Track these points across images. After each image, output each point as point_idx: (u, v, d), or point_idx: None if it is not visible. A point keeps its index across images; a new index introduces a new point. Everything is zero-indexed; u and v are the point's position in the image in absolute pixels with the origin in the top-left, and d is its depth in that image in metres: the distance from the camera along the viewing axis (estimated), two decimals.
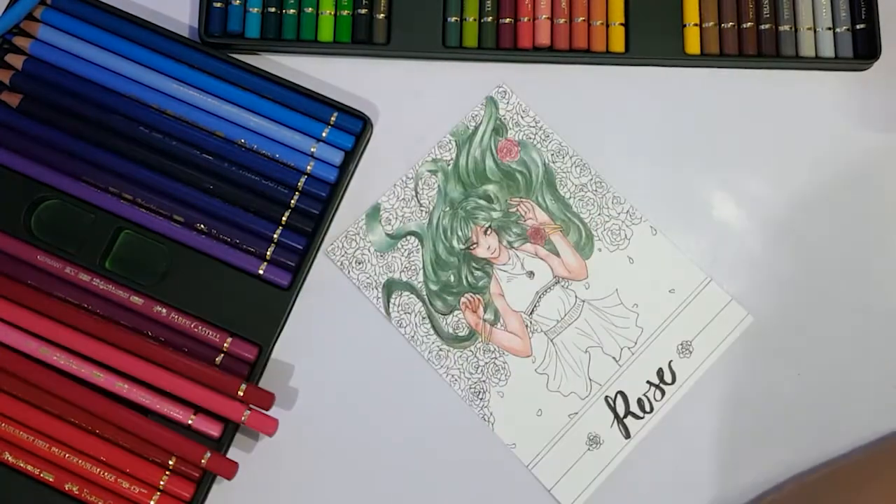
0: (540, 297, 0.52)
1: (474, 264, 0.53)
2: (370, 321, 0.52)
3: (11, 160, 0.52)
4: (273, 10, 0.54)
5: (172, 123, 0.53)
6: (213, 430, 0.49)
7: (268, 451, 0.50)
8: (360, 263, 0.52)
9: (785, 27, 0.55)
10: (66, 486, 0.48)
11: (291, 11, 0.54)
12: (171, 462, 0.48)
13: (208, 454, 0.48)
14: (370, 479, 0.50)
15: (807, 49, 0.55)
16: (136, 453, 0.48)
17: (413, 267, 0.52)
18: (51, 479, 0.48)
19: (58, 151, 0.52)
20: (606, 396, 0.51)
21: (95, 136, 0.52)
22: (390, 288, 0.52)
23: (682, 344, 0.52)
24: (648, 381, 0.51)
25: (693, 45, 0.54)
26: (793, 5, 0.55)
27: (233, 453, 0.50)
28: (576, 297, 0.52)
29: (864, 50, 0.54)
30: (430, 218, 0.53)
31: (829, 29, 0.55)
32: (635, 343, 0.52)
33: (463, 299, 0.52)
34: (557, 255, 0.53)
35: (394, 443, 0.50)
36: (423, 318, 0.52)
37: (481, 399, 0.51)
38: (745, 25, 0.55)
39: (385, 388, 0.51)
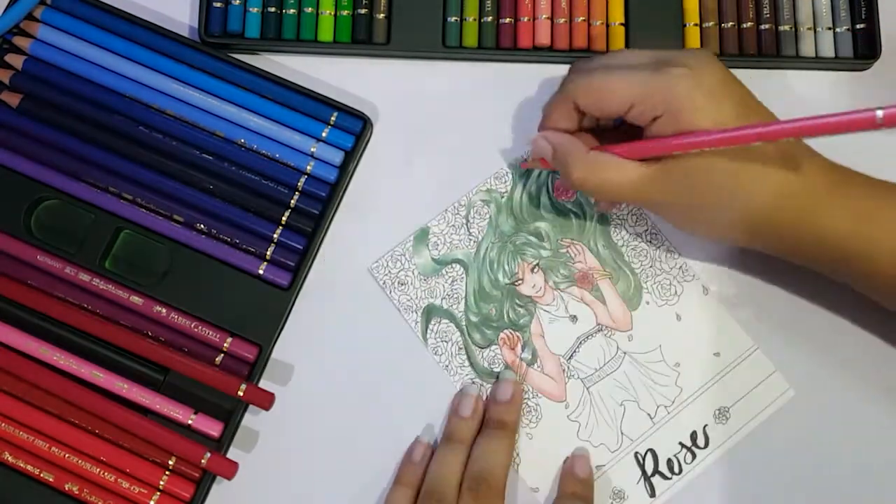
0: (581, 342, 0.51)
1: (517, 301, 0.52)
2: (371, 321, 0.52)
3: (11, 160, 0.52)
4: (273, 9, 0.54)
5: (172, 123, 0.53)
6: (213, 430, 0.49)
7: (268, 452, 0.50)
8: (402, 285, 0.52)
9: (785, 27, 0.55)
10: (66, 486, 0.48)
11: (291, 11, 0.54)
12: (171, 462, 0.48)
13: (208, 454, 0.48)
14: (372, 481, 0.50)
15: (807, 49, 0.55)
16: (136, 453, 0.48)
17: (455, 295, 0.52)
18: (51, 479, 0.48)
19: (58, 151, 0.52)
20: (636, 452, 0.50)
21: (95, 136, 0.52)
22: (430, 313, 0.51)
23: (719, 409, 0.51)
24: (681, 443, 0.50)
25: (693, 46, 0.54)
26: (793, 5, 0.55)
27: (233, 453, 0.50)
28: (617, 347, 0.51)
29: (864, 50, 0.54)
30: (478, 248, 0.52)
31: (829, 29, 0.55)
32: (672, 402, 0.51)
33: (502, 335, 0.51)
34: (603, 302, 0.52)
35: (397, 446, 0.50)
36: (460, 348, 0.51)
37: None
38: (745, 25, 0.55)
39: (387, 388, 0.51)
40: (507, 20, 0.54)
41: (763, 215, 0.45)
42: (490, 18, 0.54)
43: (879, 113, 0.37)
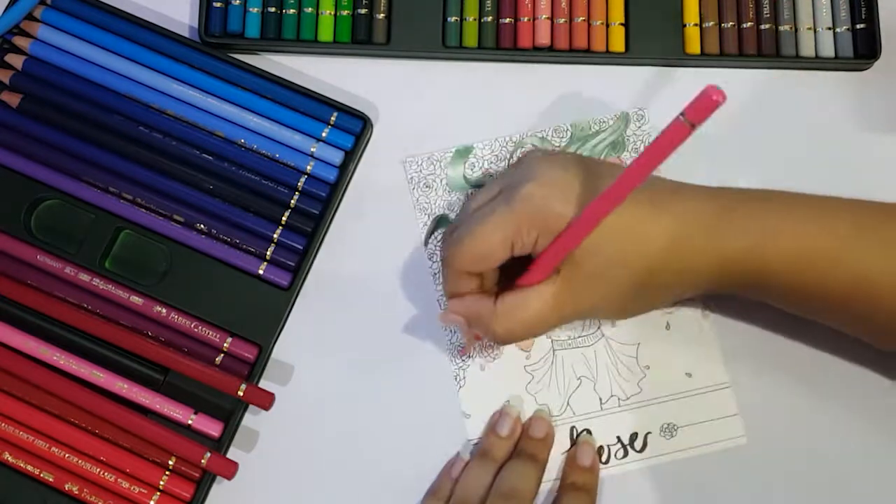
0: None
1: None
2: (370, 320, 0.52)
3: (11, 160, 0.52)
4: (273, 9, 0.54)
5: (172, 123, 0.53)
6: (213, 430, 0.49)
7: (268, 452, 0.50)
8: (427, 187, 0.53)
9: (785, 27, 0.55)
10: (66, 486, 0.48)
11: (291, 11, 0.54)
12: (171, 462, 0.48)
13: (208, 454, 0.48)
14: (372, 480, 0.50)
15: (807, 49, 0.55)
16: (136, 453, 0.48)
17: None
18: (51, 479, 0.48)
19: (58, 151, 0.52)
20: (573, 426, 0.51)
21: (95, 136, 0.52)
22: (440, 222, 0.52)
23: (669, 424, 0.50)
24: (619, 437, 0.50)
25: (693, 45, 0.54)
26: (793, 5, 0.55)
27: (233, 453, 0.50)
28: (599, 326, 0.52)
29: (864, 50, 0.54)
30: None
31: (829, 29, 0.55)
32: (628, 398, 0.51)
33: None
34: None
35: (397, 445, 0.50)
36: None
37: (462, 360, 0.51)
38: (745, 25, 0.55)
39: (387, 388, 0.51)
40: (507, 20, 0.54)
41: (663, 263, 0.44)
42: (490, 18, 0.54)
43: (681, 118, 0.36)
